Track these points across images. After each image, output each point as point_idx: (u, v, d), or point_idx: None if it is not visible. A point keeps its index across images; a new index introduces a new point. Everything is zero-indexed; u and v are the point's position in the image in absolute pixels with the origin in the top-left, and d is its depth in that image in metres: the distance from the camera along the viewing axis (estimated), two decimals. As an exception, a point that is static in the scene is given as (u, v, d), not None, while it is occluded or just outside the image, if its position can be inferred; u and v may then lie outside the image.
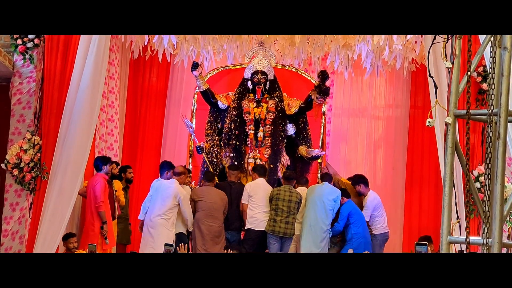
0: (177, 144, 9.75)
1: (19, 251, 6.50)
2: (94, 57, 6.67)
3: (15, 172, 6.54)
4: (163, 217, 7.04)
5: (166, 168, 7.42)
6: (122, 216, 7.79)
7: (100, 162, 7.28)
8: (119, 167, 7.98)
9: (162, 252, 5.38)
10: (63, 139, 6.57)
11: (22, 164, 6.52)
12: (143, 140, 9.58)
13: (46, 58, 6.73)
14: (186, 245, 6.53)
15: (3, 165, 6.62)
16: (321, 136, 8.52)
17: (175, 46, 8.66)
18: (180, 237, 7.26)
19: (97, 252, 5.98)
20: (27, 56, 6.80)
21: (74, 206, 6.72)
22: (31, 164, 6.53)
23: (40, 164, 6.58)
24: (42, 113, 6.69)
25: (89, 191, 7.10)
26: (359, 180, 8.00)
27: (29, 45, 6.79)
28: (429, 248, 4.79)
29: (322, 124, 8.53)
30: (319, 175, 8.28)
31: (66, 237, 6.65)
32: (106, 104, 8.22)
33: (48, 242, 6.39)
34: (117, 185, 7.72)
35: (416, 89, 9.44)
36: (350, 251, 7.26)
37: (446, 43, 3.52)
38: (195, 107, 8.64)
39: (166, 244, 5.39)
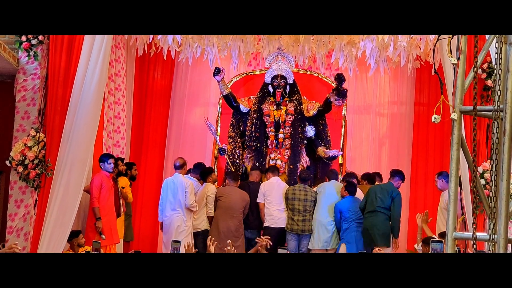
0: (181, 141, 9.76)
1: (24, 248, 6.49)
2: (98, 54, 6.67)
3: (20, 169, 6.54)
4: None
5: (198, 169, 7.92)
6: (126, 213, 7.78)
7: (100, 159, 7.28)
8: (124, 163, 7.97)
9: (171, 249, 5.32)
10: (67, 136, 6.56)
11: (26, 161, 6.52)
12: (148, 137, 9.59)
13: (50, 55, 6.72)
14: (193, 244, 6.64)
15: (7, 162, 6.62)
16: (342, 138, 8.71)
17: (179, 43, 8.67)
18: (205, 234, 7.32)
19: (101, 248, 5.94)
20: (32, 53, 6.80)
21: (80, 203, 6.71)
22: (36, 161, 6.53)
23: (45, 161, 6.57)
24: (46, 110, 6.68)
25: None
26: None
27: (34, 42, 6.79)
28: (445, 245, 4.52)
29: (343, 126, 8.72)
30: (341, 175, 8.46)
31: (71, 237, 6.54)
32: (113, 101, 8.21)
33: (55, 239, 6.38)
34: (124, 182, 7.72)
35: (420, 86, 9.44)
36: (343, 246, 7.39)
37: (451, 39, 3.50)
38: (220, 111, 8.93)
39: (173, 241, 5.33)
